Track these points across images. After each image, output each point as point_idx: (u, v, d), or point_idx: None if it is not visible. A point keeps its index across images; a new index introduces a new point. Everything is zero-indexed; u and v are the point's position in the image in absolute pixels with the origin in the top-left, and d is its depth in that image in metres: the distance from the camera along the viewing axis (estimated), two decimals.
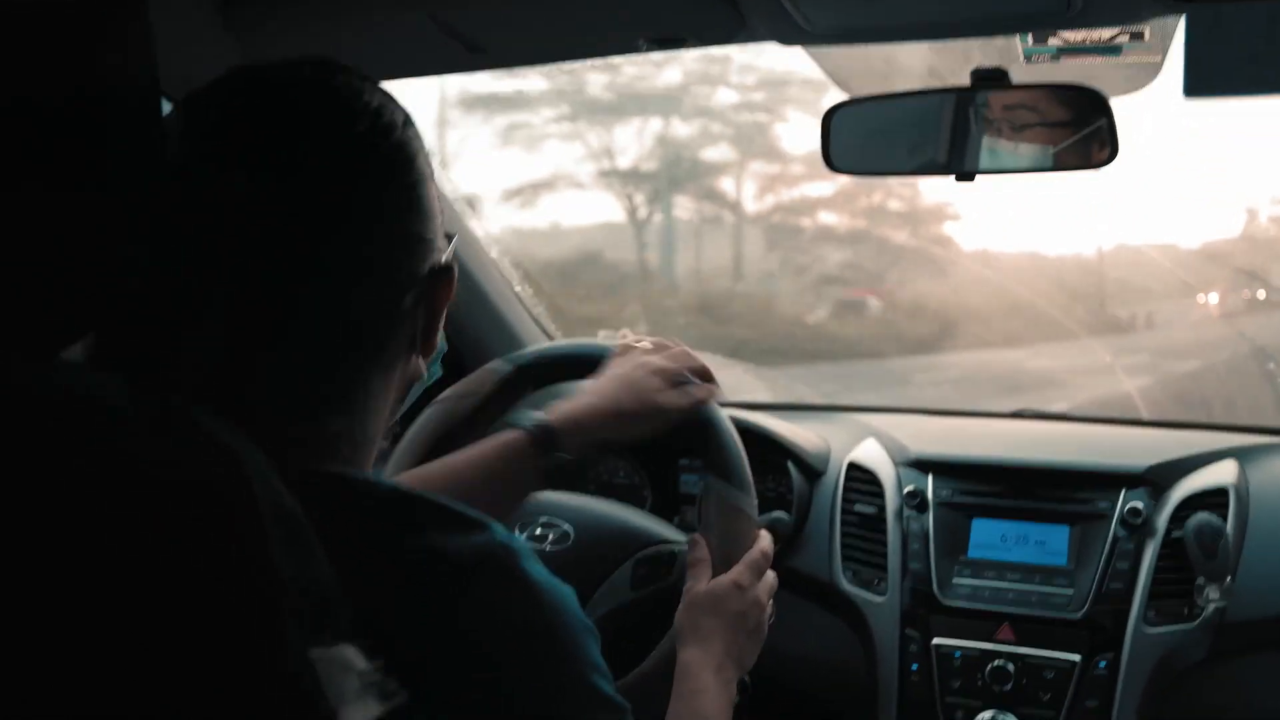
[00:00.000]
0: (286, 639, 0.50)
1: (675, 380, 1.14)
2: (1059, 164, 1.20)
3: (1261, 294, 6.60)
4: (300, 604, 0.52)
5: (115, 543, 0.47)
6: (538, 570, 0.69)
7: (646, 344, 1.20)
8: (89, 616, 0.46)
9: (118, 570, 0.47)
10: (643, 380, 1.12)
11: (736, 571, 1.10)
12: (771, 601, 1.13)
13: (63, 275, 0.55)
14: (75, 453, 0.48)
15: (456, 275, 0.76)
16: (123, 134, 0.57)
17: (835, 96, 1.27)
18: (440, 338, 0.81)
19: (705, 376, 1.18)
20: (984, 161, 1.22)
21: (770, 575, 1.13)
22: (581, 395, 1.13)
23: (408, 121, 0.74)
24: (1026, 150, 1.20)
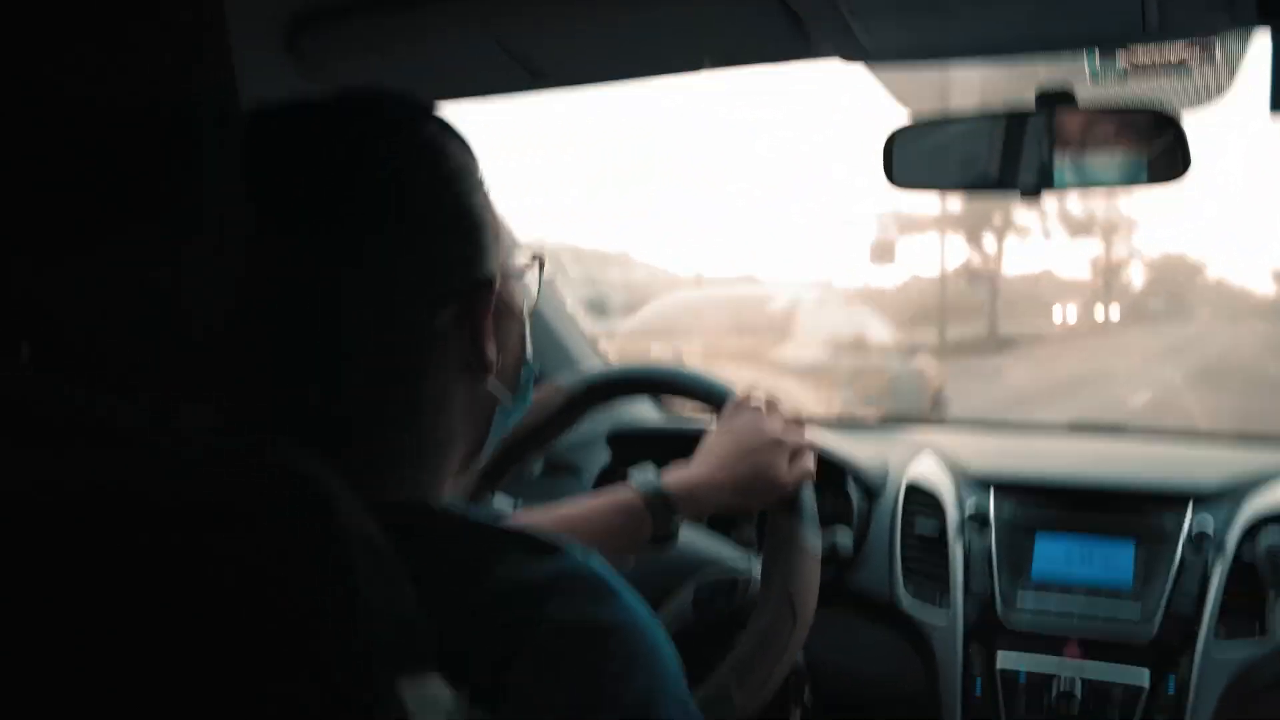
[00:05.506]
0: (373, 671, 0.50)
1: (793, 454, 1.13)
2: (1129, 179, 1.18)
3: None
4: (387, 635, 0.51)
5: (195, 577, 0.46)
6: (622, 592, 0.68)
7: (757, 401, 1.17)
8: (169, 654, 0.45)
9: (198, 605, 0.46)
10: (766, 454, 1.11)
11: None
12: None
13: (145, 305, 0.55)
14: (153, 487, 0.47)
15: (499, 290, 0.73)
16: (208, 160, 0.57)
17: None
18: (525, 360, 0.81)
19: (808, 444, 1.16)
20: (1051, 178, 1.20)
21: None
22: (701, 462, 1.11)
23: (458, 146, 0.73)
24: (1095, 167, 1.19)
